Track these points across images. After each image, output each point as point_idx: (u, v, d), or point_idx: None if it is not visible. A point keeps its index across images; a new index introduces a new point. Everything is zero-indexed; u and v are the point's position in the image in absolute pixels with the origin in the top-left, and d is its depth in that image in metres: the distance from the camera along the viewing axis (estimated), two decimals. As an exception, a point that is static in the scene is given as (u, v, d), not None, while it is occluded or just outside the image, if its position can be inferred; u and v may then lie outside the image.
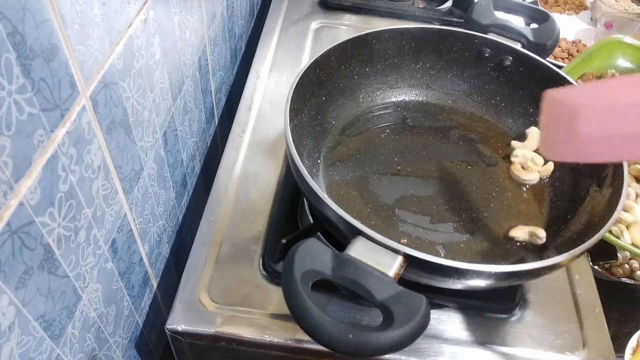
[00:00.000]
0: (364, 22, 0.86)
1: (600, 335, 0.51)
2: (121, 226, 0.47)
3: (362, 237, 0.40)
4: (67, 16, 0.32)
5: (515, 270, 0.41)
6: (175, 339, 0.49)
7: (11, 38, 0.28)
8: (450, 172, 0.60)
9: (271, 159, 0.63)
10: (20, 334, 0.33)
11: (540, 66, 0.61)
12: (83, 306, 0.42)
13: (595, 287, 0.55)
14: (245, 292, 0.51)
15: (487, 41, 0.64)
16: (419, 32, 0.64)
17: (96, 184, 0.40)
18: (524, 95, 0.64)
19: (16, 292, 0.32)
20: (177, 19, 0.52)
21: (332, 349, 0.35)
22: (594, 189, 0.53)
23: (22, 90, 0.29)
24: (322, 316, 0.35)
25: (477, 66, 0.66)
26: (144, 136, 0.48)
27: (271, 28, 0.83)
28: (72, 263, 0.38)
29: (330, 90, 0.61)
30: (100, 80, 0.38)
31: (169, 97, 0.54)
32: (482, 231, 0.55)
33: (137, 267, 0.52)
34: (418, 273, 0.42)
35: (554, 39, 0.65)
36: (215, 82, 0.73)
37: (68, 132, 0.35)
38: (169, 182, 0.58)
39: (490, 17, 0.67)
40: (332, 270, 0.39)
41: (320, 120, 0.61)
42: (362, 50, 0.62)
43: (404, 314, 0.36)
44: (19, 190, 0.31)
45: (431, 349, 0.49)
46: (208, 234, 0.55)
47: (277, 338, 0.48)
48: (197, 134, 0.67)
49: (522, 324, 0.51)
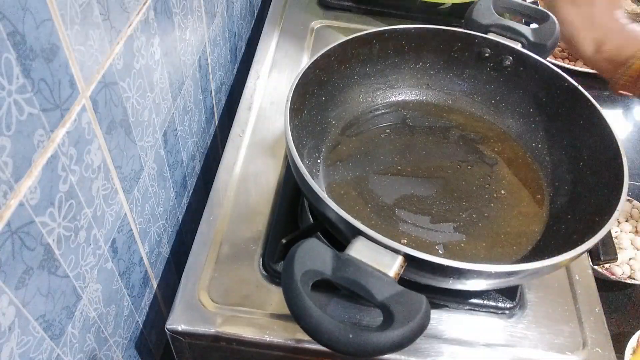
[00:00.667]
0: (364, 22, 0.86)
1: (600, 335, 0.51)
2: (121, 226, 0.47)
3: (362, 237, 0.40)
4: (67, 16, 0.32)
5: (515, 270, 0.41)
6: (175, 339, 0.49)
7: (11, 38, 0.28)
8: (450, 172, 0.60)
9: (271, 159, 0.63)
10: (20, 334, 0.33)
11: (540, 66, 0.61)
12: (83, 306, 0.42)
13: (595, 287, 0.55)
14: (245, 292, 0.51)
15: (487, 41, 0.64)
16: (419, 32, 0.64)
17: (96, 184, 0.40)
18: (524, 95, 0.64)
19: (16, 292, 0.32)
20: (177, 19, 0.52)
21: (332, 349, 0.35)
22: (594, 189, 0.53)
23: (22, 90, 0.29)
24: (322, 316, 0.35)
25: (477, 66, 0.65)
26: (144, 136, 0.48)
27: (271, 28, 0.83)
28: (72, 263, 0.38)
29: (330, 90, 0.61)
30: (100, 80, 0.38)
31: (169, 97, 0.54)
32: (482, 231, 0.55)
33: (137, 267, 0.52)
34: (418, 273, 0.42)
35: (554, 39, 0.65)
36: (215, 82, 0.73)
37: (68, 132, 0.35)
38: (169, 182, 0.58)
39: (490, 17, 0.67)
40: (332, 270, 0.39)
41: (320, 120, 0.60)
42: (362, 50, 0.62)
43: (404, 314, 0.36)
44: (19, 190, 0.31)
45: (431, 349, 0.49)
46: (208, 234, 0.55)
47: (277, 338, 0.48)
48: (197, 134, 0.67)
49: (522, 324, 0.51)
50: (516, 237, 0.54)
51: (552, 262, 0.41)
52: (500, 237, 0.54)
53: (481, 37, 0.64)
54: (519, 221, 0.56)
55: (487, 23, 0.66)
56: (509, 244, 0.54)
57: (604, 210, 0.48)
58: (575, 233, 0.50)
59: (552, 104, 0.61)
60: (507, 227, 0.55)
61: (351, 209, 0.55)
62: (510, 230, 0.55)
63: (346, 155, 0.60)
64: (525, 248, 0.53)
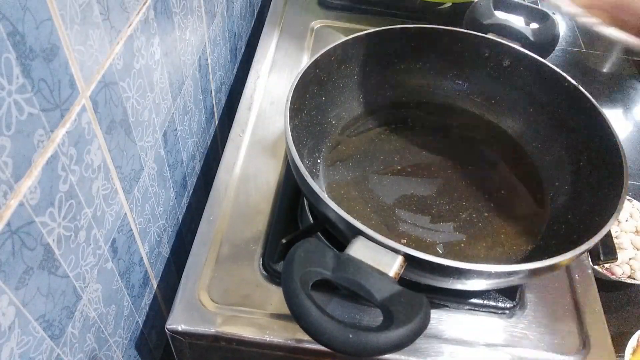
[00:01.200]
0: (364, 22, 0.86)
1: (600, 335, 0.51)
2: (121, 226, 0.47)
3: (362, 236, 0.40)
4: (67, 16, 0.32)
5: (515, 270, 0.41)
6: (175, 339, 0.49)
7: (11, 38, 0.28)
8: (450, 172, 0.60)
9: (271, 159, 0.63)
10: (20, 334, 0.33)
11: (540, 66, 0.61)
12: (83, 306, 0.42)
13: (596, 287, 0.55)
14: (245, 292, 0.51)
15: (487, 41, 0.64)
16: (419, 32, 0.64)
17: (96, 184, 0.40)
18: (524, 95, 0.64)
19: (16, 292, 0.32)
20: (177, 18, 0.52)
21: (332, 349, 0.35)
22: (595, 188, 0.53)
23: (22, 90, 0.29)
24: (322, 316, 0.35)
25: (477, 66, 0.66)
26: (144, 136, 0.48)
27: (271, 28, 0.83)
28: (72, 263, 0.38)
29: (330, 90, 0.61)
30: (100, 80, 0.38)
31: (169, 97, 0.54)
32: (482, 231, 0.55)
33: (137, 267, 0.52)
34: (418, 273, 0.42)
35: (554, 39, 0.65)
36: (215, 82, 0.73)
37: (68, 132, 0.35)
38: (169, 182, 0.58)
39: (490, 16, 0.67)
40: (332, 270, 0.39)
41: (320, 120, 0.61)
42: (361, 50, 0.62)
43: (404, 314, 0.36)
44: (19, 190, 0.31)
45: (431, 349, 0.49)
46: (208, 234, 0.55)
47: (277, 338, 0.48)
48: (197, 134, 0.67)
49: (522, 324, 0.51)
50: (516, 237, 0.54)
51: (552, 262, 0.41)
52: (500, 237, 0.54)
53: (481, 37, 0.64)
54: (519, 221, 0.56)
55: (487, 23, 0.66)
56: (509, 244, 0.54)
57: (604, 210, 0.48)
58: (576, 233, 0.50)
59: (552, 104, 0.61)
60: (507, 227, 0.55)
61: (351, 209, 0.55)
62: (510, 230, 0.55)
63: (346, 155, 0.60)
64: (525, 248, 0.53)
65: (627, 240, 0.78)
